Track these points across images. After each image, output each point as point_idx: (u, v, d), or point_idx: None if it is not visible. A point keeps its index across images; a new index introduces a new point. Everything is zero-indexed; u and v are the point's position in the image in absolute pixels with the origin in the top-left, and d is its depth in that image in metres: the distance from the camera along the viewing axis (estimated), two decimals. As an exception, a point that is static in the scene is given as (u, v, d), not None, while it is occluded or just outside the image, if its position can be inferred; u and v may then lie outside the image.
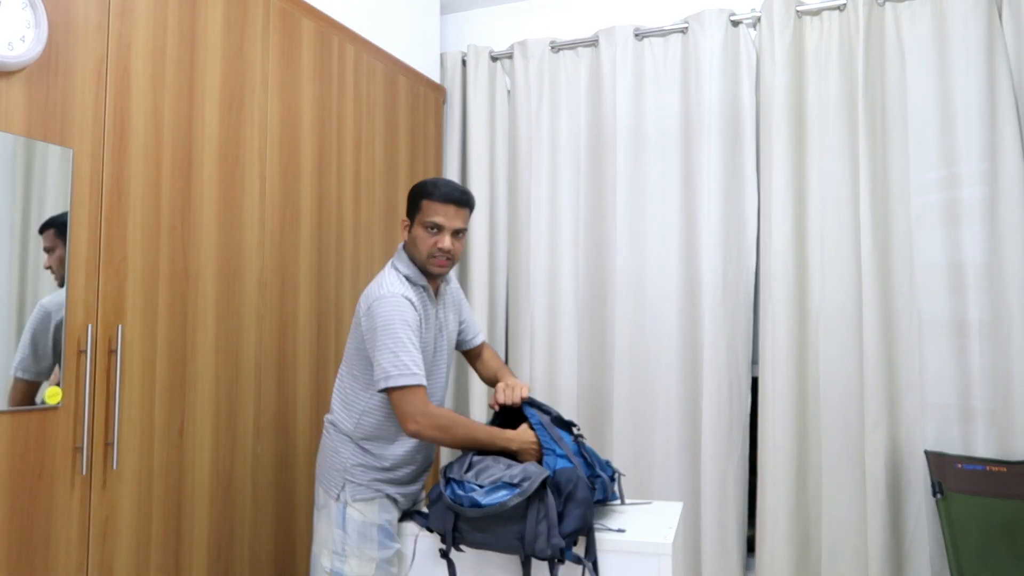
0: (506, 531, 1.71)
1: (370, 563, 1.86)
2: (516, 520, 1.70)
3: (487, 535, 1.73)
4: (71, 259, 1.67)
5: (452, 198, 1.92)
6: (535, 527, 1.69)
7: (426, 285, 1.97)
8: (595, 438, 3.12)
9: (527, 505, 1.70)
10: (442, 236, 1.93)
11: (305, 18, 2.43)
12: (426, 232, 1.93)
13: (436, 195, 1.92)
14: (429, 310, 1.99)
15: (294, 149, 2.37)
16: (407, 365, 1.82)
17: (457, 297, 2.17)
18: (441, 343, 2.05)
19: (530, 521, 1.69)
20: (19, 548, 1.56)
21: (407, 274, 1.95)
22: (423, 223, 1.93)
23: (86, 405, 1.67)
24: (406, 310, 1.87)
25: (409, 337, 1.85)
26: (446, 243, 1.93)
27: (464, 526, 1.75)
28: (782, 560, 2.75)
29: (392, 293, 1.88)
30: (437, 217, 1.92)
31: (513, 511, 1.70)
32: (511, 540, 1.71)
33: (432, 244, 1.93)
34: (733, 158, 2.97)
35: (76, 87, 1.68)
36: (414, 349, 1.85)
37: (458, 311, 2.17)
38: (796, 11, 2.90)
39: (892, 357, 2.72)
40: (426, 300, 1.98)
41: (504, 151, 3.35)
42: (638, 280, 3.06)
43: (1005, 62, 2.63)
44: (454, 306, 2.14)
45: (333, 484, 1.93)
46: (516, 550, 1.71)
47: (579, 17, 3.35)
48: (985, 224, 2.64)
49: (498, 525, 1.72)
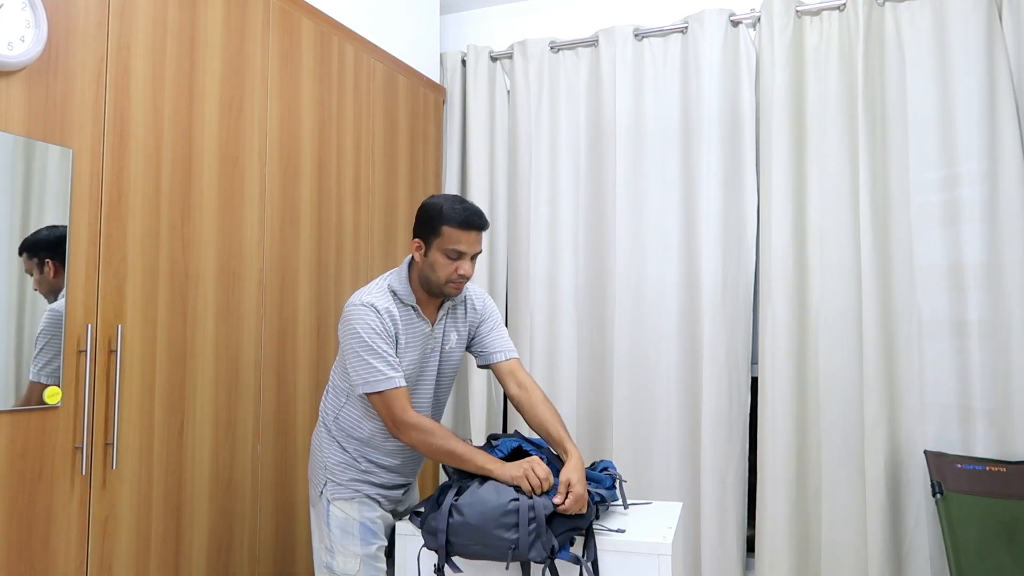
0: (499, 540, 1.69)
1: (354, 559, 1.88)
2: (510, 527, 1.69)
3: (481, 546, 1.72)
4: (71, 259, 1.67)
5: (474, 225, 1.87)
6: (527, 534, 1.68)
7: (415, 305, 1.93)
8: (595, 438, 3.11)
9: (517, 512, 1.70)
10: (463, 262, 1.89)
11: (305, 18, 2.43)
12: (446, 258, 1.88)
13: (457, 221, 1.85)
14: (416, 329, 1.94)
15: (294, 149, 2.37)
16: (380, 369, 1.82)
17: (474, 316, 2.08)
18: (431, 364, 2.00)
19: (522, 527, 1.68)
20: (19, 548, 1.56)
21: (396, 291, 1.92)
22: (444, 250, 1.87)
23: (86, 405, 1.67)
24: (370, 318, 1.84)
25: (379, 342, 1.83)
26: (467, 270, 1.89)
27: (456, 540, 1.73)
28: (782, 560, 2.75)
29: (361, 302, 1.87)
30: (460, 245, 1.87)
31: (505, 516, 1.70)
32: (504, 549, 1.69)
33: (453, 270, 1.88)
34: (733, 158, 2.97)
35: (76, 87, 1.68)
36: (383, 352, 1.83)
37: (469, 326, 2.08)
38: (796, 11, 2.90)
39: (892, 357, 2.72)
40: (414, 319, 1.94)
41: (504, 151, 3.35)
42: (638, 280, 3.06)
43: (1005, 62, 2.63)
44: (464, 324, 2.06)
45: (317, 482, 1.96)
46: (508, 557, 1.70)
47: (579, 17, 3.35)
48: (985, 224, 2.64)
49: (488, 536, 1.70)
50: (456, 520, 1.74)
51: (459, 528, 1.73)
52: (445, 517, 1.75)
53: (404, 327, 1.91)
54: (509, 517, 1.69)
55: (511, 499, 1.71)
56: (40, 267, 1.62)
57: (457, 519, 1.74)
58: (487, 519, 1.70)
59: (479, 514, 1.71)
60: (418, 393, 1.99)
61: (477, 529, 1.71)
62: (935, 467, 2.57)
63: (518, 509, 1.70)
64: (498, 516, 1.70)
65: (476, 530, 1.71)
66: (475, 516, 1.71)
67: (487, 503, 1.72)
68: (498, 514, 1.70)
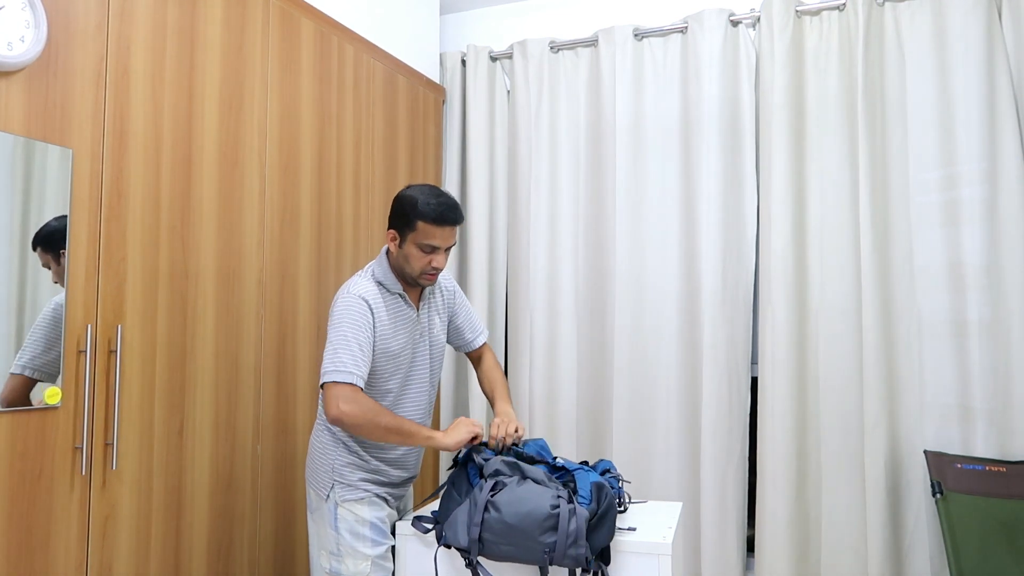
0: (535, 544, 1.66)
1: (365, 560, 1.86)
2: (548, 531, 1.67)
3: (513, 547, 1.69)
4: (71, 259, 1.67)
5: (448, 220, 1.88)
6: (565, 540, 1.66)
7: (402, 292, 1.95)
8: (595, 438, 3.12)
9: (558, 517, 1.67)
10: (436, 255, 1.91)
11: (305, 18, 2.43)
12: (420, 252, 1.89)
13: (432, 217, 1.86)
14: (404, 315, 1.95)
15: (294, 149, 2.37)
16: (344, 363, 1.80)
17: (449, 299, 2.13)
18: (422, 349, 2.01)
19: (561, 532, 1.66)
20: (19, 548, 1.56)
21: (381, 280, 1.93)
22: (418, 244, 1.89)
23: (86, 405, 1.67)
24: (357, 310, 1.85)
25: (356, 337, 1.82)
26: (441, 262, 1.92)
27: (489, 537, 1.70)
28: (782, 560, 2.75)
29: (349, 293, 1.88)
30: (434, 240, 1.88)
31: (546, 520, 1.67)
32: (539, 553, 1.66)
33: (427, 263, 1.91)
34: (732, 158, 2.97)
35: (75, 87, 1.68)
36: (359, 350, 1.82)
37: (449, 313, 2.13)
38: (796, 11, 2.90)
39: (892, 357, 2.72)
40: (402, 305, 1.95)
41: (504, 151, 3.35)
42: (638, 280, 3.06)
43: (1005, 62, 2.63)
44: (443, 309, 2.10)
45: (323, 485, 1.93)
46: (542, 561, 1.67)
47: (578, 17, 3.35)
48: (985, 224, 2.64)
49: (526, 538, 1.67)
50: (492, 517, 1.70)
51: (495, 525, 1.69)
52: (481, 511, 1.71)
53: (392, 315, 1.92)
54: (550, 521, 1.67)
55: (552, 504, 1.68)
56: (57, 259, 1.63)
57: (493, 515, 1.70)
58: (526, 520, 1.67)
59: (517, 514, 1.68)
60: (413, 380, 1.99)
61: (513, 529, 1.68)
62: (935, 467, 2.57)
63: (559, 514, 1.67)
64: (540, 518, 1.67)
65: (512, 530, 1.68)
66: (513, 515, 1.68)
67: (526, 503, 1.68)
68: (540, 516, 1.67)
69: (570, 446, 3.12)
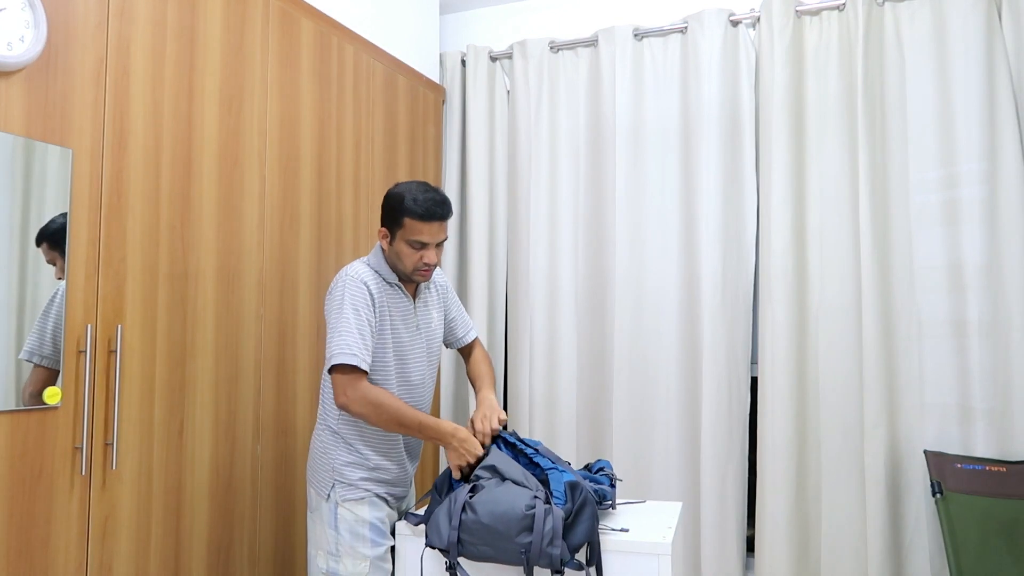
0: (511, 544, 1.68)
1: (363, 561, 1.87)
2: (523, 531, 1.68)
3: (491, 548, 1.70)
4: (71, 259, 1.67)
5: (435, 215, 1.89)
6: (540, 540, 1.67)
7: (400, 284, 1.97)
8: (595, 438, 3.11)
9: (533, 517, 1.68)
10: (427, 251, 1.92)
11: (305, 18, 2.43)
12: (411, 248, 1.91)
13: (418, 213, 1.87)
14: (401, 305, 1.98)
15: (294, 149, 2.37)
16: (349, 345, 1.82)
17: (443, 294, 2.15)
18: (418, 342, 2.02)
19: (536, 532, 1.67)
20: (19, 548, 1.56)
21: (379, 271, 1.95)
22: (407, 240, 1.90)
23: (85, 405, 1.67)
24: (358, 293, 1.87)
25: (358, 319, 1.84)
26: (432, 257, 1.93)
27: (467, 538, 1.72)
28: (782, 560, 2.75)
29: (348, 276, 1.89)
30: (423, 236, 1.90)
31: (522, 521, 1.68)
32: (515, 553, 1.67)
33: (418, 259, 1.92)
34: (732, 158, 2.97)
35: (75, 87, 1.68)
36: (358, 332, 1.83)
37: (443, 308, 2.15)
38: (795, 11, 2.90)
39: (891, 357, 2.72)
40: (400, 295, 1.97)
41: (503, 151, 3.35)
42: (637, 280, 3.06)
43: (1005, 62, 2.63)
44: (438, 303, 2.12)
45: (323, 484, 1.93)
46: (519, 562, 1.68)
47: (578, 17, 3.35)
48: (985, 224, 2.64)
49: (502, 539, 1.68)
50: (469, 518, 1.71)
51: (471, 526, 1.71)
52: (458, 513, 1.72)
53: (390, 302, 1.95)
54: (525, 521, 1.68)
55: (528, 504, 1.69)
56: (63, 255, 1.63)
57: (470, 516, 1.71)
58: (501, 520, 1.68)
59: (492, 514, 1.69)
60: (410, 373, 2.00)
61: (489, 530, 1.69)
62: (935, 467, 2.57)
63: (534, 515, 1.68)
64: (515, 519, 1.68)
65: (488, 531, 1.69)
66: (488, 516, 1.69)
67: (501, 504, 1.70)
68: (515, 517, 1.68)
69: (570, 446, 3.12)
